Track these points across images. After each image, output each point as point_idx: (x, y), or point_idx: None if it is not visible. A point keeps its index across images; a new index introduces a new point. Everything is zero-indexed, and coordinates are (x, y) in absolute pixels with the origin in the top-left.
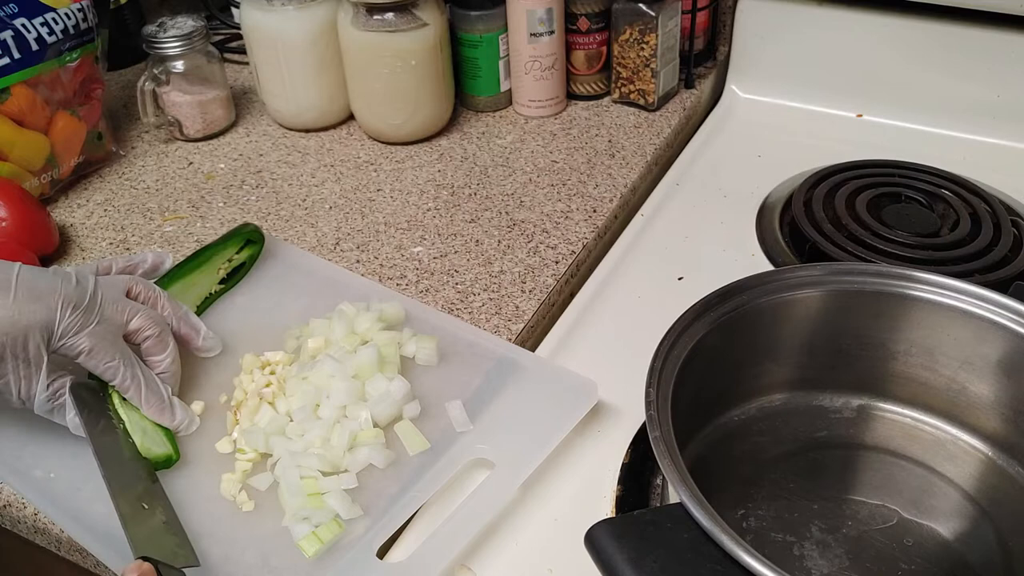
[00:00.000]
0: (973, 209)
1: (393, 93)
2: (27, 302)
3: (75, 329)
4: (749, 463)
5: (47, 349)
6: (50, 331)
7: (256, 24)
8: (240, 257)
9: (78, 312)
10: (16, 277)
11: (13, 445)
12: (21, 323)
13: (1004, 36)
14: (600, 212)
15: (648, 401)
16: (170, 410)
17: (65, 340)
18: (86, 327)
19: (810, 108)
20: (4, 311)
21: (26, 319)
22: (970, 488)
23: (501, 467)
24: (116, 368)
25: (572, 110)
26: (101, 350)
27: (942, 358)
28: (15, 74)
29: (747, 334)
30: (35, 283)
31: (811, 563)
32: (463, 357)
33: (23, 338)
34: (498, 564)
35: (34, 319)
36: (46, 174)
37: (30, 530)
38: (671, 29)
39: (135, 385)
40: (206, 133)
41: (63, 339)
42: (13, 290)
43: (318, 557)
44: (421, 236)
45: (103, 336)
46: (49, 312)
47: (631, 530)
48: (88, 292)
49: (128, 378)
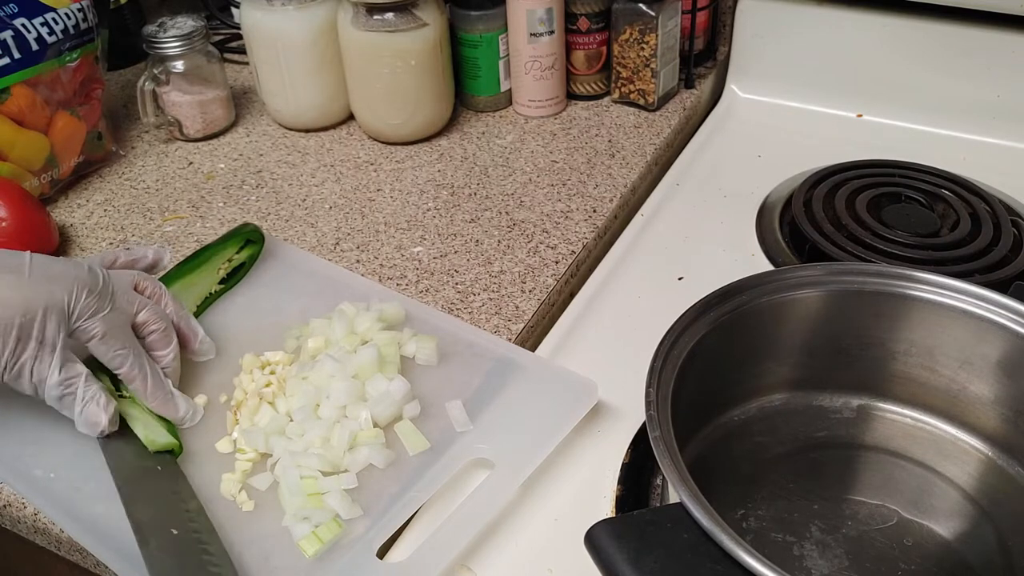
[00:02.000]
0: (973, 209)
1: (393, 93)
2: (43, 283)
3: (90, 312)
4: (749, 463)
5: (62, 331)
6: (66, 313)
7: (256, 24)
8: (240, 257)
9: (93, 296)
10: (29, 261)
11: (13, 445)
12: (37, 304)
13: (1004, 36)
14: (600, 212)
15: (648, 401)
16: (173, 402)
17: (80, 323)
18: (101, 311)
19: (810, 108)
20: (19, 292)
21: (43, 300)
22: (970, 488)
23: (501, 467)
24: (126, 356)
25: (572, 110)
26: (113, 336)
27: (942, 358)
28: (15, 74)
29: (747, 334)
30: (50, 267)
31: (811, 563)
32: (463, 357)
33: (40, 319)
34: (498, 564)
35: (51, 300)
36: (46, 174)
37: (30, 530)
38: (671, 29)
39: (141, 376)
40: (206, 133)
41: (78, 321)
42: (28, 271)
43: (318, 557)
44: (421, 236)
45: (115, 323)
46: (65, 294)
47: (631, 530)
48: (101, 279)
49: (136, 368)
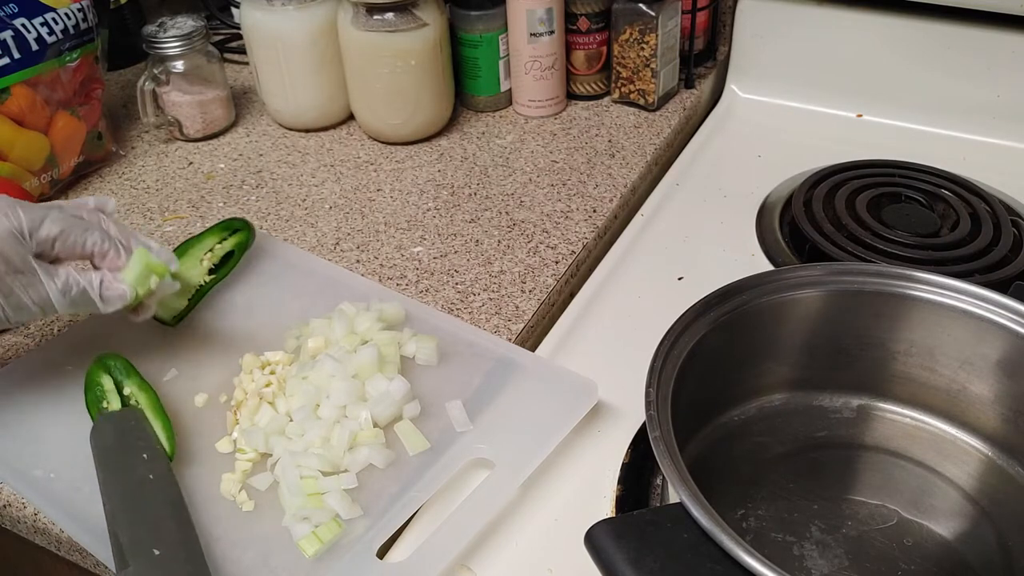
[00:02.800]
0: (973, 209)
1: (393, 93)
2: None
3: (38, 221)
4: (749, 463)
5: (28, 252)
6: (16, 234)
7: (256, 24)
8: (226, 246)
9: (33, 209)
10: None
11: (13, 445)
12: None
13: (1004, 36)
14: (600, 212)
15: (648, 401)
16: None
17: (35, 235)
18: (47, 216)
19: (810, 108)
20: None
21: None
22: (970, 488)
23: (501, 467)
24: (93, 237)
25: (572, 110)
26: (71, 230)
27: (942, 358)
28: (15, 74)
29: (747, 334)
30: None
31: (811, 563)
32: (463, 357)
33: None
34: (498, 564)
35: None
36: (46, 174)
37: (30, 530)
38: (671, 29)
39: (114, 248)
40: (206, 133)
41: (34, 235)
42: None
43: (318, 557)
44: (421, 236)
45: (66, 219)
46: (6, 220)
47: (631, 530)
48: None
49: (106, 242)
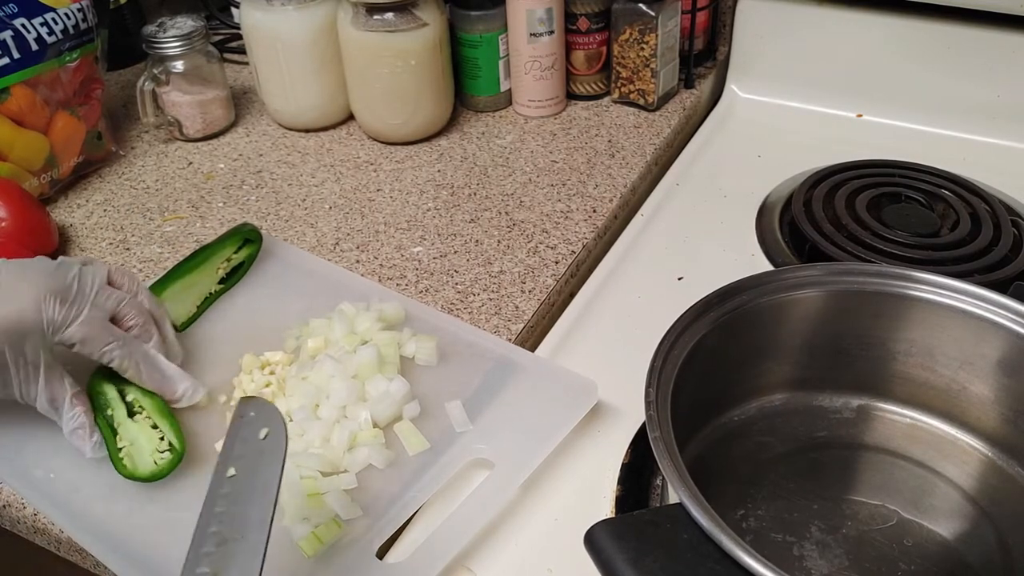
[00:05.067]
0: (973, 209)
1: (393, 93)
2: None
3: (66, 323)
4: (749, 463)
5: (42, 350)
6: (41, 330)
7: (256, 24)
8: (239, 256)
9: (65, 305)
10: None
11: (13, 445)
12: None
13: (1004, 36)
14: (600, 212)
15: (648, 401)
16: (171, 384)
17: (59, 335)
18: (77, 318)
19: (810, 108)
20: None
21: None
22: (970, 488)
23: (501, 467)
24: (112, 351)
25: (572, 110)
26: (93, 338)
27: (942, 358)
28: (15, 74)
29: (747, 334)
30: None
31: (811, 563)
32: (463, 357)
33: (17, 342)
34: (498, 564)
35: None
36: (46, 174)
37: (30, 530)
38: (671, 29)
39: (133, 365)
40: (206, 133)
41: (56, 335)
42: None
43: (318, 557)
44: (421, 236)
45: (92, 324)
46: (35, 312)
47: (631, 530)
48: (70, 278)
49: (125, 359)
